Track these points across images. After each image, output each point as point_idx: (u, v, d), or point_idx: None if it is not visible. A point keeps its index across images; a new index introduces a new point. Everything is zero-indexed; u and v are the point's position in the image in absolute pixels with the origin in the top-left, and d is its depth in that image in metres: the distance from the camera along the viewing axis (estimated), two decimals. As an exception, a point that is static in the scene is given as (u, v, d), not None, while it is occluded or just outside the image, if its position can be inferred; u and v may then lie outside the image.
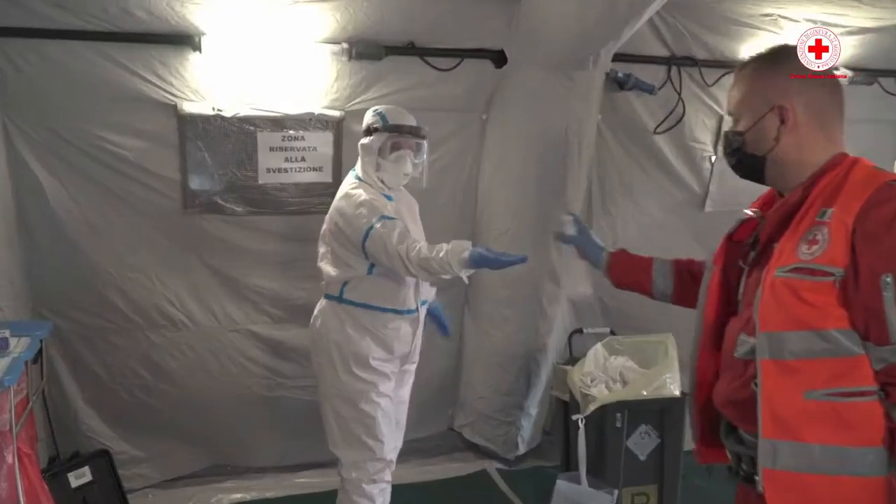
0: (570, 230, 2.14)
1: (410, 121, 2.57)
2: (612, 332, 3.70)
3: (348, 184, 2.63)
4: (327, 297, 2.67)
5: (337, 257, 2.61)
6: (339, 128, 3.26)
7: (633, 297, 2.14)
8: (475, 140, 3.51)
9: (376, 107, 2.66)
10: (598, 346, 3.41)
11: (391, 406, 2.66)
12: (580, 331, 3.80)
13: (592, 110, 3.42)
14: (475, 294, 3.70)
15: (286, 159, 3.24)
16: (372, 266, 2.52)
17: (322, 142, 3.28)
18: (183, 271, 3.29)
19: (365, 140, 2.57)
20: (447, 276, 2.33)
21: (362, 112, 2.89)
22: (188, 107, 3.04)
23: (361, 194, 2.50)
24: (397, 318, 2.58)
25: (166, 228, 3.21)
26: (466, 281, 2.36)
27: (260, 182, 3.23)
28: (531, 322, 3.65)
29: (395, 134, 2.52)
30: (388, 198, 2.60)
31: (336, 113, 3.25)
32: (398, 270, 2.36)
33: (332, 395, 2.64)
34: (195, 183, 3.17)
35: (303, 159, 3.27)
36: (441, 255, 2.28)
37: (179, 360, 3.38)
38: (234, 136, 3.14)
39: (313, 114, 3.19)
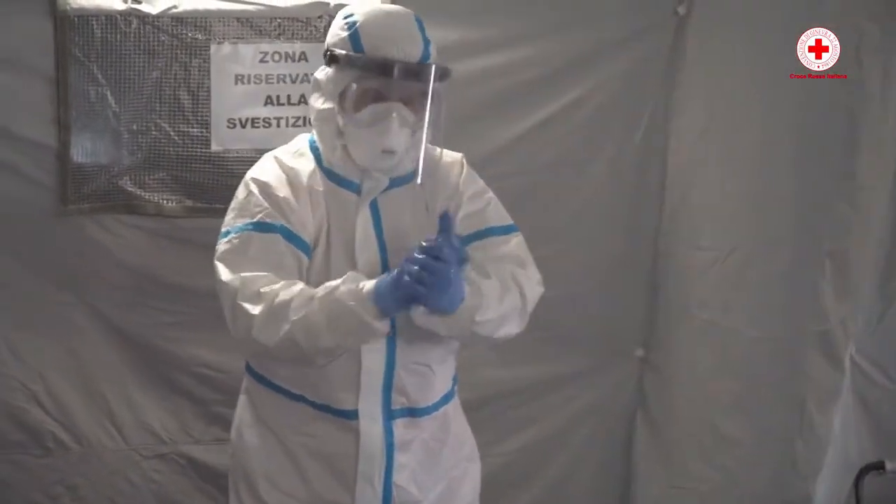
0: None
1: (409, 45, 2.40)
2: (955, 472, 3.55)
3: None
4: None
5: None
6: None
7: None
8: (660, 64, 3.42)
9: (350, 10, 2.52)
10: (932, 502, 3.18)
11: None
12: (880, 466, 3.46)
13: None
14: (662, 385, 3.59)
15: (269, 100, 3.16)
16: None
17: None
18: (58, 334, 3.24)
19: (320, 73, 2.48)
20: (338, 339, 2.25)
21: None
22: None
23: (263, 166, 2.49)
24: (318, 421, 2.49)
25: (27, 246, 3.16)
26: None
27: (214, 148, 3.15)
28: (782, 446, 3.40)
29: (370, 73, 2.36)
30: (349, 185, 2.48)
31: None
32: (232, 332, 2.35)
33: None
34: (84, 151, 3.09)
35: (302, 100, 3.16)
36: (338, 291, 2.23)
37: (51, 517, 3.33)
38: (165, 55, 3.07)
39: (328, 6, 3.09)
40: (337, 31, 2.46)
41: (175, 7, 3.00)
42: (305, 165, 2.45)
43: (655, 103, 3.38)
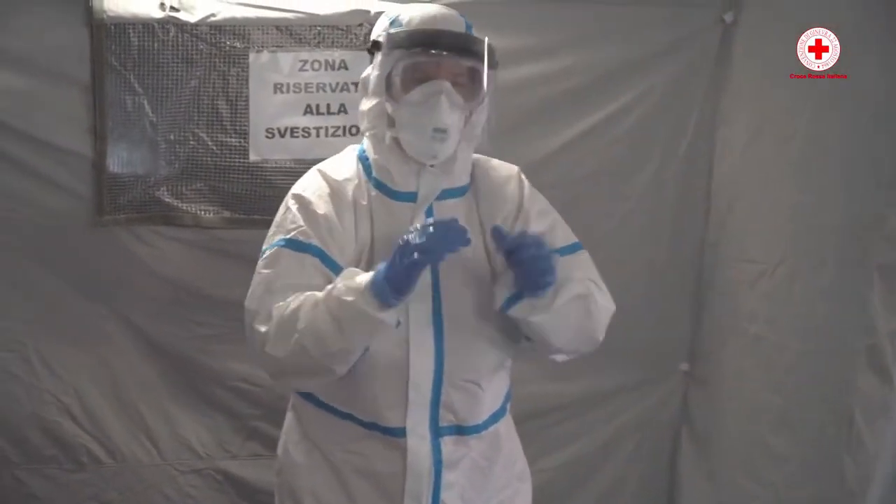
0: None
1: (451, 24, 2.44)
2: None
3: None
4: None
5: None
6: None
7: None
8: (706, 72, 3.43)
9: (389, 9, 2.61)
10: None
11: None
12: (931, 483, 3.51)
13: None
14: (708, 399, 3.56)
15: (308, 109, 3.18)
16: None
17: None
18: (92, 346, 3.26)
19: (365, 72, 2.51)
20: (346, 340, 2.22)
21: (475, 7, 2.87)
22: (112, 2, 3.00)
23: (306, 181, 2.48)
24: (366, 439, 2.47)
25: (62, 257, 3.18)
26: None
27: (253, 158, 3.18)
28: (830, 461, 3.29)
29: (414, 50, 2.36)
30: (403, 197, 2.44)
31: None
32: (248, 355, 2.41)
33: None
34: (120, 161, 3.12)
35: (342, 109, 3.17)
36: (336, 290, 2.22)
37: (85, 534, 3.34)
38: (203, 64, 3.10)
39: (368, 13, 3.10)
40: (378, 25, 2.48)
41: (213, 15, 3.03)
42: (351, 178, 2.44)
43: (701, 112, 3.37)
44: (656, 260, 3.38)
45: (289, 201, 2.42)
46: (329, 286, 2.22)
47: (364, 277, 2.17)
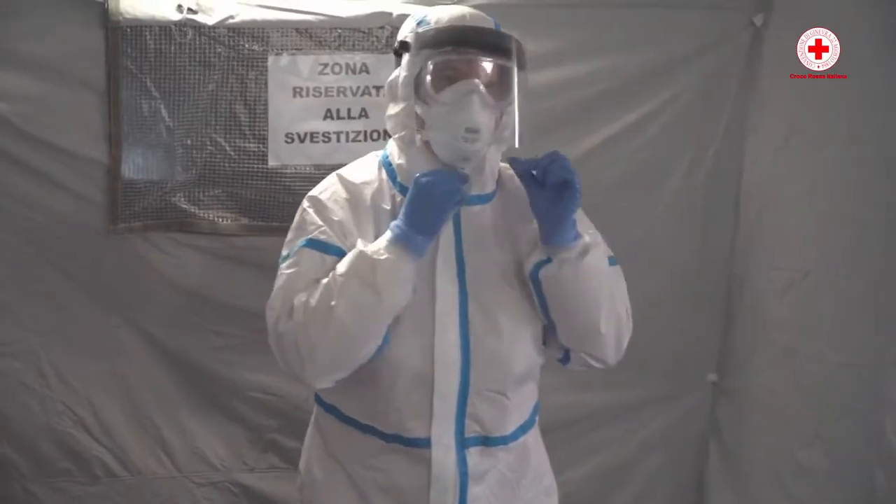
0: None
1: (479, 21, 2.46)
2: None
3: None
4: None
5: None
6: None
7: None
8: (735, 77, 3.42)
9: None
10: None
11: None
12: (965, 498, 3.44)
13: None
14: (737, 412, 3.53)
15: (328, 114, 3.18)
16: None
17: (409, 76, 3.13)
18: (106, 356, 3.28)
19: (392, 75, 2.50)
20: (384, 303, 2.25)
21: (501, 10, 2.85)
22: (129, 4, 3.01)
23: (323, 185, 2.50)
24: (389, 453, 2.47)
25: (75, 265, 3.19)
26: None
27: (271, 163, 3.18)
28: (861, 476, 3.24)
29: (444, 48, 2.36)
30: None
31: (440, 13, 3.12)
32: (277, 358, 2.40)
33: None
34: (135, 167, 3.13)
35: (363, 114, 3.17)
36: (363, 253, 2.26)
37: (99, 550, 3.35)
38: (221, 67, 3.11)
39: (390, 16, 3.11)
40: (405, 26, 2.45)
41: (232, 17, 3.02)
42: (371, 181, 2.41)
43: (730, 117, 3.35)
44: (684, 268, 3.36)
45: (304, 204, 2.43)
46: (342, 262, 2.23)
47: (383, 238, 2.21)
